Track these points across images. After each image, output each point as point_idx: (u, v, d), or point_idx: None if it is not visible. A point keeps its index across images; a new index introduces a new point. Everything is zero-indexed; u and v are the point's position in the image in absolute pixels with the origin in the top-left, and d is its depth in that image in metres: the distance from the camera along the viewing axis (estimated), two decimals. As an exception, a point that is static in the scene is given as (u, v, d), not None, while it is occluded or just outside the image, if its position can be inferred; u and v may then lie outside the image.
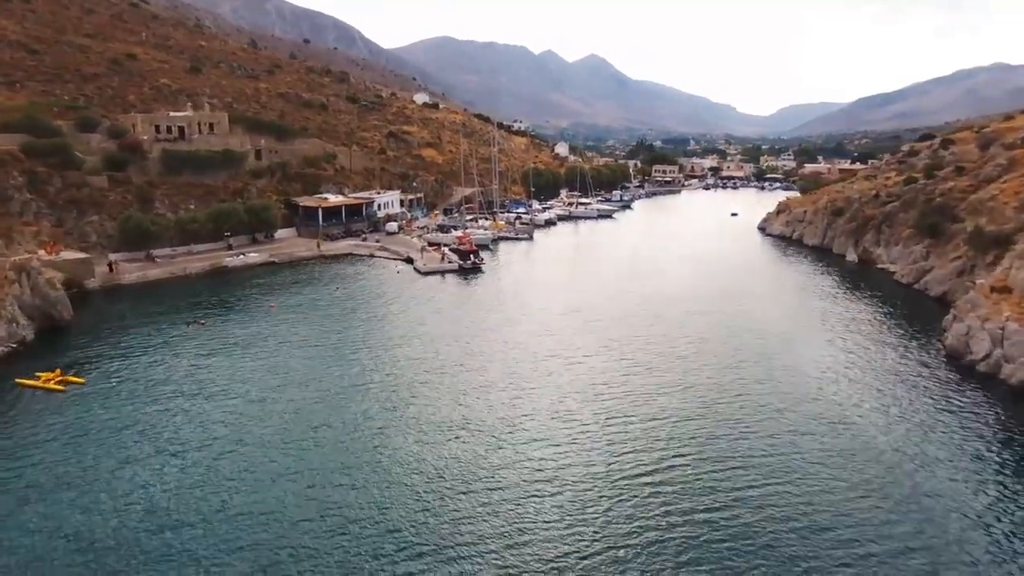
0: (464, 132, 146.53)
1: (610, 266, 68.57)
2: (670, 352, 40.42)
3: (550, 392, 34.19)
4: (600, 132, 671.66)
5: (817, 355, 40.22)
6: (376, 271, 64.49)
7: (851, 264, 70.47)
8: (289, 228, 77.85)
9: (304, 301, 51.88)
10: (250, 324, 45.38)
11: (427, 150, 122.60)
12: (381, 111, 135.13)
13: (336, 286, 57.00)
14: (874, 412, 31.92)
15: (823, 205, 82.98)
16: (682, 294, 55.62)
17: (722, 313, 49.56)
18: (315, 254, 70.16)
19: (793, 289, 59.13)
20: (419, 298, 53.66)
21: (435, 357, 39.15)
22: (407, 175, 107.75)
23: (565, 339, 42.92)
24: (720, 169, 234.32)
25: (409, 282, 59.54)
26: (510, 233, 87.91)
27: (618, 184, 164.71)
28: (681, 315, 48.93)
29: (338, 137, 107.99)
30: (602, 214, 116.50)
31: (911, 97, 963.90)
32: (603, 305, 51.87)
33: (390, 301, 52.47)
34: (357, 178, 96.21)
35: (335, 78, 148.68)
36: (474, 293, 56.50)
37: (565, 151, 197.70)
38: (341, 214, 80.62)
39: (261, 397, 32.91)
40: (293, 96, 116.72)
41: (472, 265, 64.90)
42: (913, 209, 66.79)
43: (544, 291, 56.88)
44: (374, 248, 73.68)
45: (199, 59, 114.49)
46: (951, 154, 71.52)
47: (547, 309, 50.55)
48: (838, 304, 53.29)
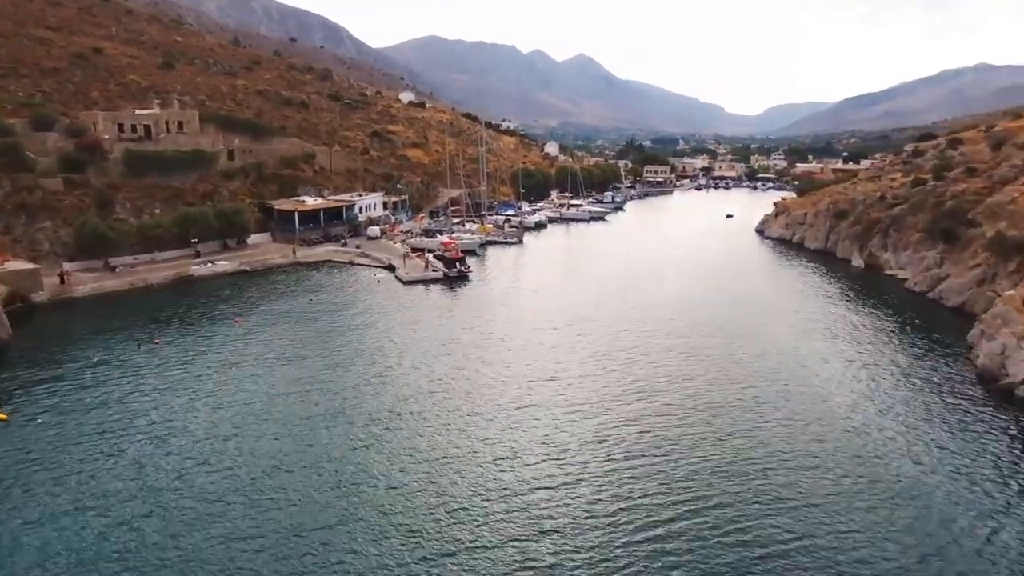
0: (451, 132, 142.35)
1: (604, 273, 64.69)
2: (674, 374, 36.51)
3: (543, 426, 30.15)
4: (589, 132, 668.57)
5: (835, 377, 36.48)
6: (355, 280, 60.17)
7: (857, 270, 67.05)
8: (263, 233, 73.28)
9: (273, 315, 47.50)
10: (212, 342, 40.98)
11: (413, 150, 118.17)
12: (365, 110, 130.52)
13: (311, 297, 52.63)
14: (910, 446, 28.15)
15: (825, 207, 79.61)
16: (682, 305, 51.79)
17: (727, 327, 45.75)
18: (290, 261, 65.70)
19: (799, 298, 55.52)
20: (399, 312, 49.44)
21: (414, 383, 35.00)
22: (391, 176, 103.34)
23: (559, 359, 38.91)
24: (712, 169, 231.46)
25: (390, 293, 55.29)
26: (499, 237, 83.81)
27: (609, 185, 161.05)
28: (684, 329, 45.06)
29: (319, 136, 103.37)
30: (594, 216, 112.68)
31: (898, 97, 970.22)
32: (599, 318, 47.93)
33: (368, 315, 48.21)
34: (338, 179, 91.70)
35: (318, 75, 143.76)
36: (459, 305, 52.38)
37: (555, 151, 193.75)
38: (319, 218, 76.14)
39: (212, 433, 28.62)
40: (272, 94, 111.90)
41: (458, 273, 60.74)
42: (922, 212, 63.48)
43: (535, 302, 52.87)
44: (354, 255, 69.31)
45: (173, 55, 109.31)
46: (960, 154, 68.33)
47: (538, 323, 46.53)
48: (849, 315, 49.70)
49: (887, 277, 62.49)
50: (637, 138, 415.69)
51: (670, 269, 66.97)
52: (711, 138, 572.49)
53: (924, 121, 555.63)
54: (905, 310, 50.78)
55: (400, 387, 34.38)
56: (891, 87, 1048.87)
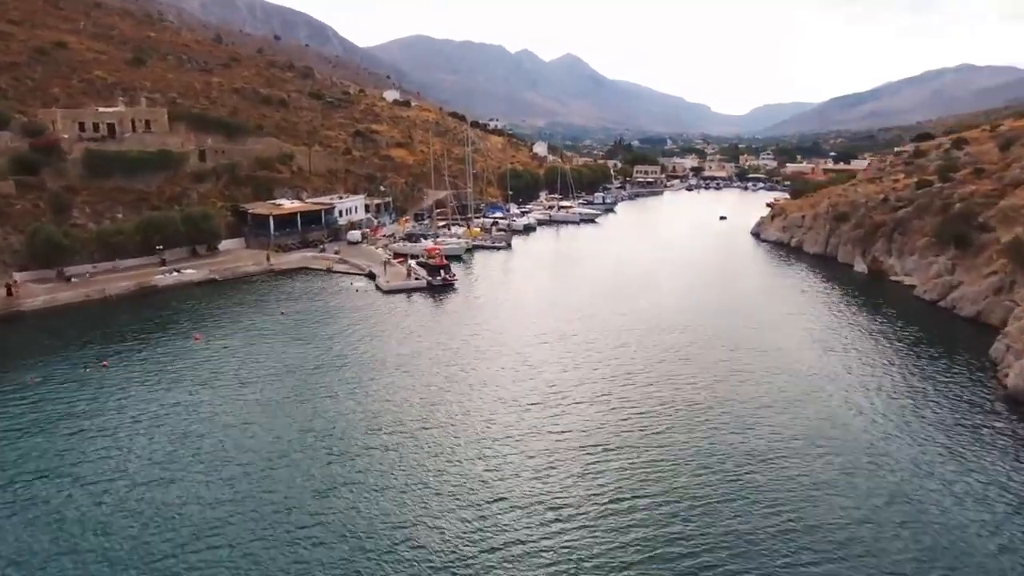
0: (437, 131, 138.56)
1: (597, 281, 61.31)
2: (676, 398, 33.13)
3: (533, 461, 26.64)
4: (576, 131, 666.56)
5: (854, 398, 33.27)
6: (332, 289, 56.32)
7: (860, 276, 64.15)
8: (236, 239, 69.15)
9: (239, 330, 43.60)
10: (165, 363, 37.04)
11: (397, 150, 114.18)
12: (348, 108, 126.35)
13: (282, 309, 48.70)
14: (949, 484, 24.94)
15: (824, 209, 76.78)
16: (680, 316, 48.50)
17: (730, 340, 42.49)
18: (264, 269, 61.68)
19: (804, 307, 52.42)
20: (377, 325, 45.69)
21: (389, 411, 31.33)
22: (374, 177, 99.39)
23: (550, 380, 35.42)
24: (702, 169, 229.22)
25: (369, 303, 51.50)
26: (486, 241, 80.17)
27: (599, 185, 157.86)
28: (683, 345, 41.74)
29: (299, 136, 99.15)
30: (584, 218, 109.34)
31: (883, 97, 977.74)
32: (592, 332, 44.51)
33: (342, 330, 44.40)
34: (318, 181, 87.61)
35: (299, 73, 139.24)
36: (443, 317, 48.72)
37: (544, 151, 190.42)
38: (296, 222, 72.05)
39: (145, 478, 24.77)
40: (250, 91, 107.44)
41: (442, 281, 57.06)
42: (928, 215, 60.70)
43: (524, 313, 49.33)
44: (332, 261, 65.38)
45: (143, 50, 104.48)
46: (966, 155, 65.72)
47: (528, 338, 43.01)
48: (859, 326, 46.63)
49: (893, 284, 59.61)
50: (625, 138, 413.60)
51: (665, 276, 63.74)
52: (698, 138, 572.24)
53: (908, 121, 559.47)
54: (917, 321, 47.78)
55: (373, 416, 30.70)
56: (876, 87, 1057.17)
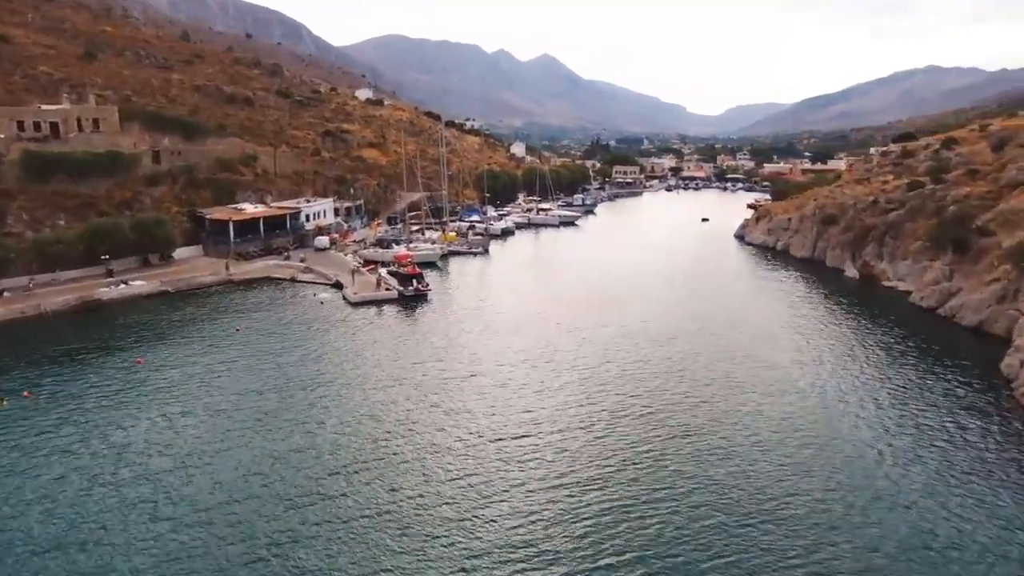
0: (411, 131, 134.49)
1: (579, 289, 58.02)
2: (669, 425, 29.88)
3: (517, 505, 23.13)
4: (554, 131, 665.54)
5: (862, 423, 30.34)
6: (295, 301, 52.17)
7: (851, 281, 61.90)
8: (194, 246, 64.55)
9: (187, 349, 39.33)
10: (100, 391, 32.75)
11: (369, 151, 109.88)
12: (318, 107, 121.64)
13: (237, 325, 44.47)
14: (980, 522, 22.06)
15: (811, 211, 74.60)
16: (667, 328, 45.42)
17: (723, 356, 39.49)
18: (222, 279, 57.21)
19: (797, 316, 49.72)
20: (342, 342, 41.76)
21: (349, 447, 27.56)
22: (345, 179, 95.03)
23: (532, 406, 31.96)
24: (680, 169, 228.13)
25: (333, 317, 47.47)
26: (462, 247, 76.45)
27: (578, 186, 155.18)
28: (671, 362, 38.58)
29: (264, 136, 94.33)
30: (564, 221, 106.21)
31: (853, 98, 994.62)
32: (575, 348, 41.18)
33: (302, 348, 40.39)
34: (284, 183, 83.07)
35: (266, 71, 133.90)
36: (414, 333, 44.91)
37: (521, 151, 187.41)
38: (259, 227, 67.56)
39: (64, 539, 20.71)
40: (213, 89, 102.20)
41: (415, 292, 53.26)
42: (920, 217, 58.64)
43: (502, 327, 45.80)
44: (297, 270, 61.16)
45: (97, 45, 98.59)
46: (957, 155, 63.88)
47: (507, 355, 39.52)
48: (856, 337, 43.96)
49: (886, 289, 57.38)
50: (602, 138, 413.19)
51: (650, 283, 60.73)
52: (675, 138, 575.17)
53: (879, 121, 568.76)
54: (916, 331, 45.32)
55: (330, 454, 26.91)
56: (846, 88, 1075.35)
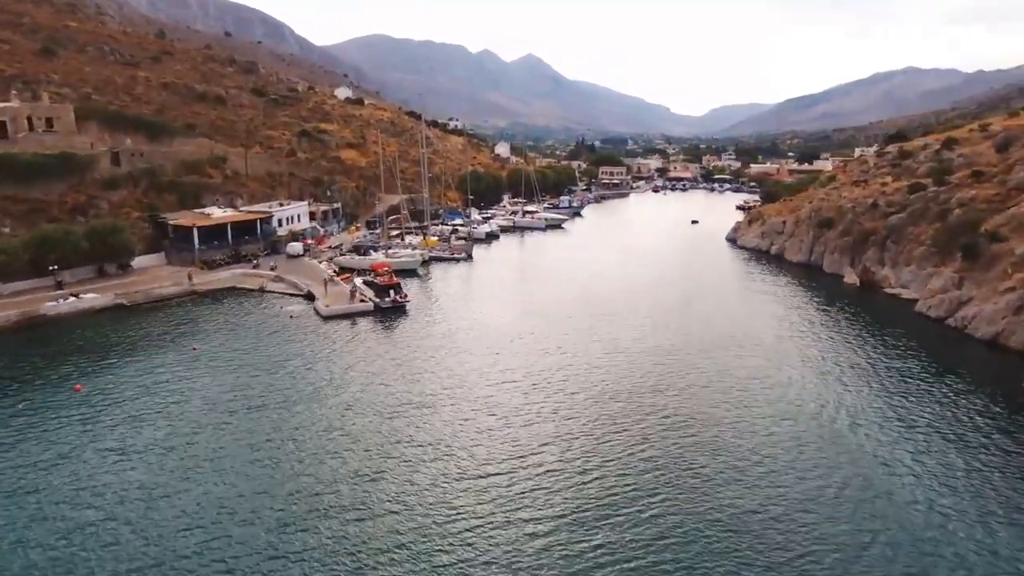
0: (393, 131, 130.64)
1: (568, 299, 54.66)
2: (667, 457, 26.62)
3: (495, 555, 19.70)
4: (539, 132, 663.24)
5: (882, 456, 27.30)
6: (262, 314, 48.25)
7: (851, 288, 59.16)
8: (156, 254, 60.35)
9: (138, 373, 35.36)
10: (31, 425, 28.76)
11: (348, 151, 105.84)
12: (294, 106, 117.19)
13: (194, 345, 40.52)
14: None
15: (806, 214, 71.97)
16: (661, 343, 42.26)
17: (723, 373, 36.40)
18: (185, 290, 53.08)
19: (798, 327, 46.76)
20: (310, 363, 38.00)
21: (315, 488, 23.92)
22: (321, 181, 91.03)
23: (517, 438, 28.52)
24: (667, 170, 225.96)
25: (301, 334, 43.65)
26: (444, 252, 72.80)
27: (564, 187, 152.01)
28: (670, 382, 35.38)
29: (236, 136, 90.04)
30: (550, 224, 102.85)
31: (834, 98, 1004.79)
32: (565, 365, 37.85)
33: (266, 370, 36.59)
34: (256, 186, 78.99)
35: (241, 68, 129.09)
36: (391, 350, 41.23)
37: (506, 152, 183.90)
38: (227, 234, 63.41)
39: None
40: (182, 87, 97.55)
41: (392, 303, 49.58)
42: (923, 221, 56.13)
43: (486, 343, 42.31)
44: (267, 279, 57.17)
45: (58, 40, 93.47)
46: (959, 156, 61.47)
47: (491, 376, 36.07)
48: (865, 353, 41.03)
49: (889, 297, 54.68)
50: (587, 138, 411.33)
51: (641, 291, 57.58)
52: (659, 138, 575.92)
53: (861, 121, 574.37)
54: (926, 343, 42.57)
55: (289, 499, 23.27)
56: (828, 89, 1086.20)
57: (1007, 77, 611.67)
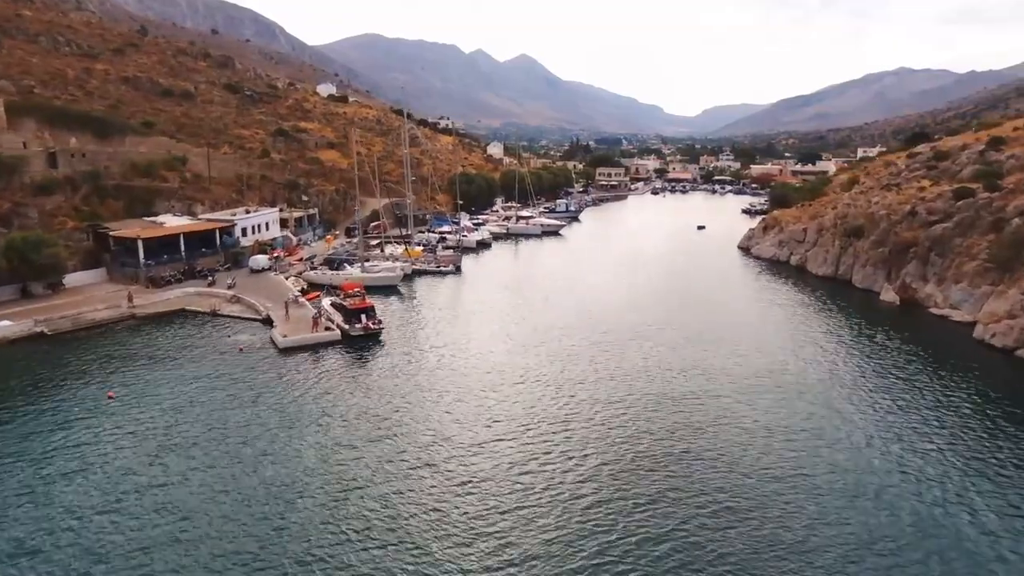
0: (379, 130, 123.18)
1: (568, 324, 47.30)
2: (704, 521, 19.38)
3: None
4: (532, 132, 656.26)
5: (965, 533, 20.16)
6: (208, 345, 40.65)
7: (890, 306, 52.15)
8: (96, 270, 52.72)
9: (27, 430, 27.75)
10: None
11: (328, 152, 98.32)
12: (272, 104, 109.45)
13: (111, 390, 32.87)
14: None
15: (831, 221, 64.97)
16: (679, 380, 35.09)
17: (755, 419, 29.22)
18: (123, 314, 45.48)
19: (836, 358, 39.58)
20: (255, 414, 30.43)
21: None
22: (297, 184, 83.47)
23: (513, 503, 21.15)
24: (665, 171, 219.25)
25: (249, 373, 36.07)
26: (430, 264, 65.35)
27: (560, 190, 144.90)
28: (693, 433, 28.13)
29: (203, 135, 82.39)
30: (547, 230, 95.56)
31: (827, 99, 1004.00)
32: (570, 410, 30.61)
33: (195, 425, 29.06)
34: (221, 190, 71.35)
35: (215, 63, 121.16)
36: (358, 396, 33.69)
37: (499, 152, 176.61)
38: (179, 245, 55.73)
39: None
40: (145, 81, 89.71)
41: (364, 330, 42.06)
42: (974, 232, 49.19)
43: (473, 384, 34.91)
44: (221, 300, 49.57)
45: (5, 30, 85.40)
46: (1011, 157, 54.55)
47: (477, 429, 28.74)
48: (922, 391, 33.84)
49: (937, 319, 47.64)
50: (581, 138, 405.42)
51: (653, 312, 50.32)
52: (653, 138, 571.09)
53: (855, 122, 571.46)
54: (998, 381, 35.55)
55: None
56: (820, 89, 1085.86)
57: (999, 77, 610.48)
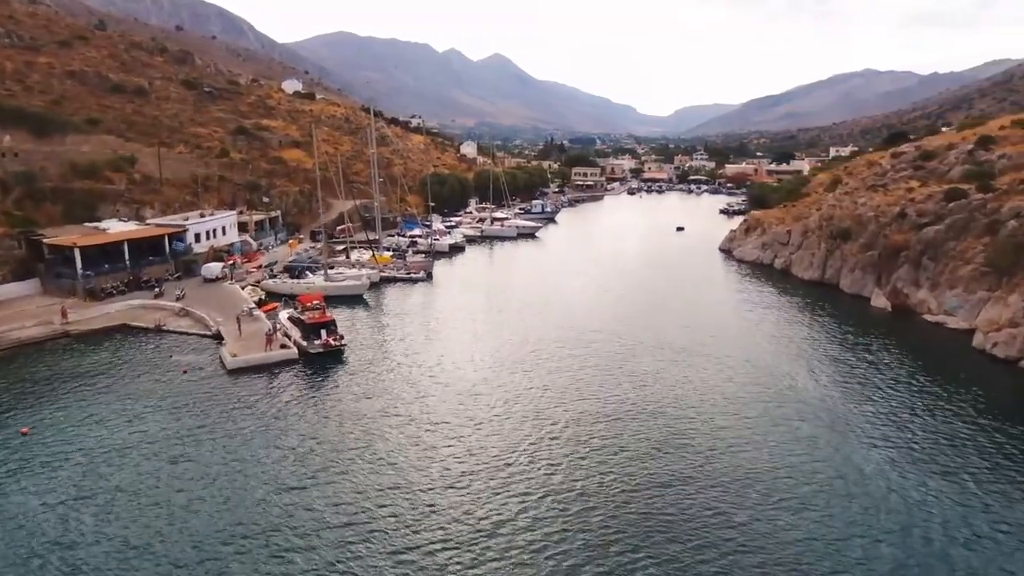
0: (347, 128, 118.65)
1: (547, 338, 44.01)
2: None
3: None
4: (506, 131, 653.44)
5: None
6: (148, 365, 36.43)
7: (881, 313, 50.01)
8: (28, 281, 47.88)
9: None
10: None
11: (292, 151, 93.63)
12: (232, 100, 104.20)
13: (23, 428, 28.61)
14: None
15: (816, 223, 62.91)
16: (668, 399, 32.09)
17: (756, 445, 26.36)
18: (54, 332, 40.92)
19: (831, 370, 37.06)
20: (196, 446, 26.49)
21: None
22: (258, 186, 78.83)
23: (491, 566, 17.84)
24: (641, 171, 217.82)
25: (195, 397, 32.02)
26: (399, 271, 61.57)
27: (535, 190, 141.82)
28: (690, 463, 25.12)
29: (156, 133, 77.25)
30: (523, 232, 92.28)
31: (796, 99, 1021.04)
32: (552, 440, 27.28)
33: (123, 465, 25.06)
34: (174, 192, 66.52)
35: (172, 58, 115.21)
36: (313, 423, 29.91)
37: (473, 152, 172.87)
38: (123, 254, 51.05)
39: None
40: (92, 76, 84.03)
41: (324, 348, 38.21)
42: (968, 235, 47.29)
43: (446, 404, 31.43)
44: (168, 314, 45.21)
45: (-66, 19, 79.31)
46: (1002, 157, 52.95)
47: (452, 457, 25.29)
48: (928, 409, 31.39)
49: (932, 327, 45.55)
50: (555, 137, 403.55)
51: (636, 321, 47.35)
52: (626, 137, 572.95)
53: (823, 121, 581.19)
54: (1006, 396, 33.36)
55: None
56: (789, 90, 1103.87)
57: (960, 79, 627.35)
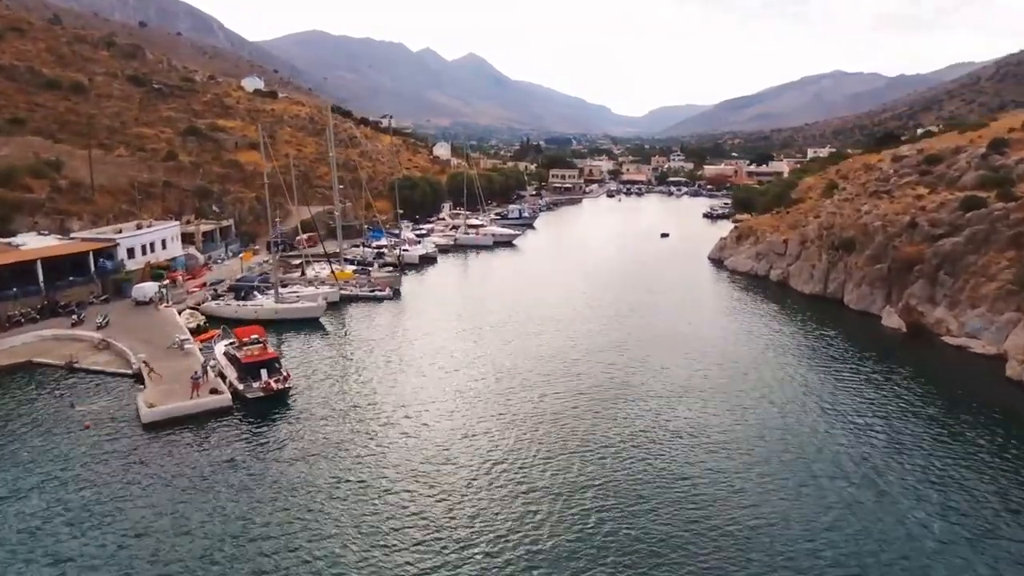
0: (311, 129, 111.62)
1: (532, 364, 38.52)
2: None
3: None
4: (482, 131, 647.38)
5: None
6: (49, 418, 29.95)
7: (894, 334, 45.42)
8: (-82, 308, 40.73)
9: None
10: None
11: (249, 154, 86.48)
12: (185, 99, 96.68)
13: None
14: None
15: (816, 232, 58.44)
16: (680, 452, 26.79)
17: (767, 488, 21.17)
18: (-61, 372, 34.09)
19: (845, 400, 32.15)
20: (83, 538, 20.30)
21: None
22: (209, 192, 71.91)
23: None
24: (620, 172, 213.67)
25: (95, 464, 25.69)
26: (362, 288, 55.44)
27: (512, 193, 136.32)
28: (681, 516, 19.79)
29: (93, 135, 69.88)
30: (499, 240, 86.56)
31: (767, 100, 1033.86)
32: (535, 493, 21.68)
33: None
34: (107, 201, 59.48)
35: (119, 52, 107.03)
36: (242, 498, 23.87)
37: (447, 153, 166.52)
38: (36, 274, 44.10)
39: None
40: (23, 71, 76.15)
41: (265, 392, 31.98)
42: (990, 247, 43.02)
43: (411, 461, 25.63)
44: (85, 346, 38.60)
45: None
46: (1020, 161, 48.88)
47: (421, 534, 19.51)
48: (957, 454, 26.65)
49: (954, 351, 40.98)
50: (531, 138, 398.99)
51: (628, 350, 42.03)
52: (602, 138, 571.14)
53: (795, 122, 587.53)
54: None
55: None
56: (760, 91, 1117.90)
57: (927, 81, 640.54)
